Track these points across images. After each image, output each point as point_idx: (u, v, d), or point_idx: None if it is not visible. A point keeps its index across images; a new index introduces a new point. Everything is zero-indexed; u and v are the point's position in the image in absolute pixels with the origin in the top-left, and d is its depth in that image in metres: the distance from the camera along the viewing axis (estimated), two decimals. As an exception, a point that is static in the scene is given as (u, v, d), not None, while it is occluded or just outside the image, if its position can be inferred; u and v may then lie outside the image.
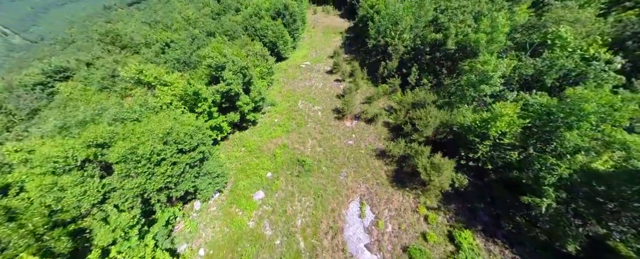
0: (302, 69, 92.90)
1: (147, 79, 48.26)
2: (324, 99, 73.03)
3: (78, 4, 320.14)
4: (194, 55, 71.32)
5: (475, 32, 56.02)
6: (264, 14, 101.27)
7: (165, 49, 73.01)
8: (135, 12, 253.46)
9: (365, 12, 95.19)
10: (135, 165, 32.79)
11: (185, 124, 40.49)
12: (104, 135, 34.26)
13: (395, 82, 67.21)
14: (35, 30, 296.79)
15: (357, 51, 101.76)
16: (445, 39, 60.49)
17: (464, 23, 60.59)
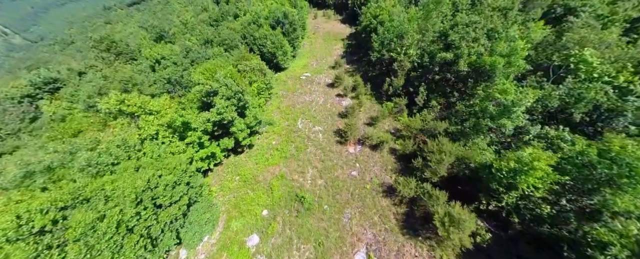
0: (302, 81, 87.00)
1: (130, 109, 42.38)
2: (325, 117, 67.23)
3: (78, 3, 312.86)
4: (186, 74, 65.24)
5: (491, 55, 50.11)
6: (262, 22, 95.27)
7: (156, 66, 66.85)
8: (135, 12, 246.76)
9: (368, 22, 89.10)
10: (97, 241, 26.69)
11: (169, 168, 34.60)
12: (65, 197, 28.21)
13: (401, 103, 61.42)
14: (35, 30, 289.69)
15: (359, 61, 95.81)
16: (457, 59, 54.59)
17: (477, 42, 54.49)
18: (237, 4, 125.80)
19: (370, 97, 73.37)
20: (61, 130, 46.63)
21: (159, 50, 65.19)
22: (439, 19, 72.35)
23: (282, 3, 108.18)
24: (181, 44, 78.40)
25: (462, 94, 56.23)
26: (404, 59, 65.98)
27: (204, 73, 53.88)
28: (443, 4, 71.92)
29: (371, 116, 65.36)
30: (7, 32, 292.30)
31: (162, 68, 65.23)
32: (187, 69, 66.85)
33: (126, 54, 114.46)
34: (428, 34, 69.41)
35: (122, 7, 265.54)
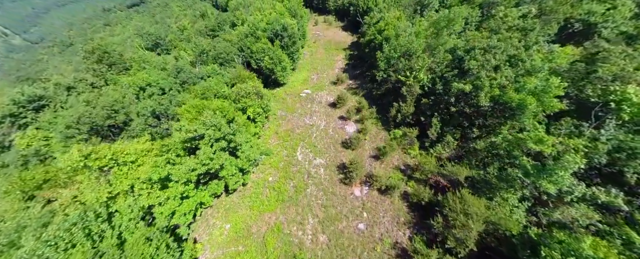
0: (302, 99, 79.14)
1: (98, 163, 34.56)
2: (327, 146, 59.58)
3: (78, 4, 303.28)
4: (175, 100, 57.26)
5: (517, 90, 42.27)
6: (260, 34, 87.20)
7: (141, 94, 58.66)
8: (134, 14, 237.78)
9: (372, 37, 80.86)
10: None
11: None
12: None
13: (411, 134, 53.62)
14: (35, 31, 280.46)
15: (362, 76, 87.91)
16: (476, 91, 46.73)
17: (499, 72, 46.55)
18: (234, 12, 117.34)
19: (376, 122, 65.63)
20: (21, 182, 38.63)
21: (144, 77, 56.84)
22: (450, 37, 64.44)
23: (281, 13, 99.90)
24: (173, 65, 70.18)
25: (481, 129, 48.46)
26: (413, 84, 58.09)
27: (190, 111, 45.95)
28: (455, 23, 63.87)
29: (378, 145, 57.68)
30: (7, 33, 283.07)
31: (147, 96, 57.05)
32: (175, 96, 58.77)
33: (119, 64, 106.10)
34: (439, 54, 61.48)
35: (122, 9, 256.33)
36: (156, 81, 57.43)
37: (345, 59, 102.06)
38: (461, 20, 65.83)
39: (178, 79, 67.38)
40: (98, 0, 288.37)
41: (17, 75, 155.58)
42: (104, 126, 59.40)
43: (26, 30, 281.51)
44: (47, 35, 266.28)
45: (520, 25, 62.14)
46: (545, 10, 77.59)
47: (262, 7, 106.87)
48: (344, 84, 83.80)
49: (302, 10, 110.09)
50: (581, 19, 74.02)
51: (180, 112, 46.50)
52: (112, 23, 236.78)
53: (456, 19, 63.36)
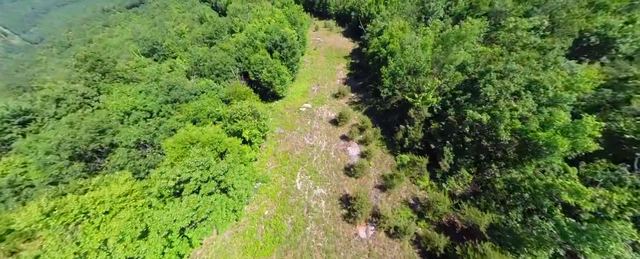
0: (301, 114, 73.43)
1: (64, 219, 28.89)
2: (328, 172, 53.97)
3: (78, 4, 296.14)
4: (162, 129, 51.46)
5: (543, 128, 36.56)
6: (258, 44, 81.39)
7: (125, 120, 52.67)
8: (133, 15, 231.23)
9: (375, 50, 74.97)
10: None
11: None
12: None
13: (421, 163, 48.02)
14: (35, 31, 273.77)
15: (365, 88, 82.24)
16: (494, 121, 41.04)
17: (519, 101, 40.77)
18: (233, 18, 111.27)
19: (381, 144, 60.02)
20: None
21: (130, 100, 50.79)
22: (460, 54, 58.66)
23: (281, 21, 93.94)
24: (165, 81, 64.29)
25: (499, 163, 42.83)
26: (421, 107, 52.38)
27: (176, 147, 40.13)
28: (466, 40, 58.03)
29: (384, 173, 52.09)
30: (6, 33, 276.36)
31: (132, 121, 51.10)
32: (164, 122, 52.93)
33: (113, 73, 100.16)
34: (449, 73, 55.74)
35: (121, 10, 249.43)
36: (142, 104, 51.45)
37: (346, 68, 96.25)
38: (473, 37, 59.88)
39: (170, 96, 61.52)
40: (98, 1, 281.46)
41: (7, 82, 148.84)
42: (87, 150, 53.80)
43: (26, 31, 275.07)
44: (46, 36, 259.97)
45: (536, 43, 56.13)
46: (558, 23, 71.74)
47: (261, 14, 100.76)
48: (345, 98, 78.08)
49: (302, 18, 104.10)
50: (597, 32, 68.24)
51: (165, 148, 40.69)
52: (111, 24, 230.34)
53: (468, 35, 57.47)
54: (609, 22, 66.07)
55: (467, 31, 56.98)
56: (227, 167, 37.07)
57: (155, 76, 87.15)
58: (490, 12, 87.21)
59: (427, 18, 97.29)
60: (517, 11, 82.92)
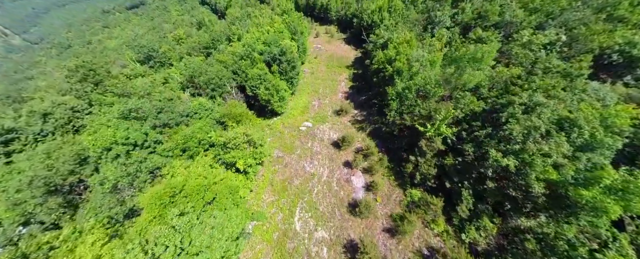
0: (301, 134, 67.06)
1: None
2: (331, 209, 47.79)
3: (79, 4, 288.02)
4: (145, 166, 44.86)
5: (585, 184, 30.07)
6: (256, 57, 74.63)
7: (103, 157, 45.59)
8: (133, 17, 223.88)
9: (381, 67, 68.23)
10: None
11: None
12: None
13: (435, 206, 41.62)
14: (35, 31, 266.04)
15: (368, 104, 75.73)
16: (523, 166, 34.61)
17: (555, 149, 34.18)
18: (230, 26, 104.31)
19: (388, 174, 53.68)
20: None
21: (109, 134, 44.01)
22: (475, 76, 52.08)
23: (280, 30, 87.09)
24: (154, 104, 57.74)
25: (529, 215, 36.44)
26: (434, 139, 45.88)
27: (153, 203, 33.63)
28: (483, 63, 51.37)
29: (393, 212, 45.81)
30: (7, 33, 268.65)
31: (111, 158, 44.34)
32: (150, 158, 46.34)
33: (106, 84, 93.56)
34: (464, 100, 49.17)
35: (121, 11, 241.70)
36: (124, 137, 44.82)
37: (348, 80, 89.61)
38: (490, 60, 53.17)
39: (158, 120, 54.99)
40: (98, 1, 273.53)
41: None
42: (65, 185, 47.46)
43: (26, 31, 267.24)
44: (46, 36, 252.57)
45: (560, 67, 49.46)
46: (576, 38, 65.05)
47: (260, 23, 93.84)
48: (348, 116, 71.57)
49: (302, 26, 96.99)
50: (620, 50, 61.64)
51: (142, 204, 34.26)
52: (110, 25, 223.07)
53: (485, 59, 50.77)
54: (635, 39, 59.45)
55: (484, 53, 50.19)
56: (210, 240, 30.37)
57: (147, 90, 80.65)
58: (500, 23, 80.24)
59: (433, 28, 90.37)
60: (529, 22, 76.09)
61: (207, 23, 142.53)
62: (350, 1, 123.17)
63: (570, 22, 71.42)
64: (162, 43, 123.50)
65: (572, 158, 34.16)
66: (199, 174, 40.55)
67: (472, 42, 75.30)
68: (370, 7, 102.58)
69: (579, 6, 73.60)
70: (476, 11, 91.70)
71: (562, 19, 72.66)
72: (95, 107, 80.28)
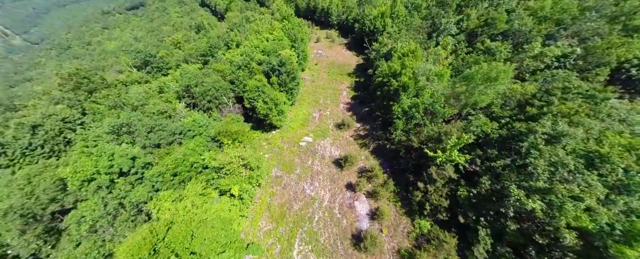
0: (301, 151, 62.56)
1: None
2: (333, 241, 43.50)
3: (79, 4, 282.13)
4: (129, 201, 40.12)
5: (627, 240, 25.54)
6: (255, 67, 70.01)
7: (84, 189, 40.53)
8: (133, 18, 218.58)
9: (385, 80, 63.50)
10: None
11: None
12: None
13: (448, 245, 37.05)
14: (35, 31, 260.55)
15: (371, 117, 71.31)
16: (551, 209, 30.06)
17: (589, 192, 29.55)
18: (229, 33, 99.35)
19: (394, 199, 49.16)
20: None
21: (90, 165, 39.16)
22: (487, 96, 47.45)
23: (280, 38, 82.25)
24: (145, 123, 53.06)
25: None
26: (446, 167, 41.30)
27: (134, 257, 28.98)
28: (498, 83, 46.61)
29: (400, 246, 41.40)
30: (7, 33, 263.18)
31: (92, 191, 39.50)
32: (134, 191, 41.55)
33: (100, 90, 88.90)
34: (477, 121, 44.53)
35: (121, 12, 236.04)
36: (107, 166, 40.03)
37: (350, 89, 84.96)
38: (507, 81, 48.32)
39: (149, 140, 50.38)
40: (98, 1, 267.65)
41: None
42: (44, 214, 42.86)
43: (27, 31, 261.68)
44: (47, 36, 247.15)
45: (581, 88, 44.68)
46: (593, 51, 60.34)
47: (259, 30, 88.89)
48: (350, 130, 66.98)
49: (302, 33, 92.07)
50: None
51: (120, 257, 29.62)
52: (110, 26, 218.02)
53: (500, 79, 45.96)
54: (656, 54, 54.80)
55: (499, 73, 45.38)
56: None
57: (141, 101, 76.05)
58: (508, 31, 75.35)
59: (438, 35, 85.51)
60: (538, 31, 71.26)
61: (206, 26, 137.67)
62: (351, 5, 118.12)
63: (584, 32, 66.55)
64: (159, 48, 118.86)
65: (606, 201, 29.57)
66: (187, 209, 35.80)
67: (480, 53, 70.71)
68: (372, 12, 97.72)
69: (592, 15, 68.64)
70: (482, 18, 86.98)
71: (575, 29, 67.76)
72: (88, 116, 75.90)
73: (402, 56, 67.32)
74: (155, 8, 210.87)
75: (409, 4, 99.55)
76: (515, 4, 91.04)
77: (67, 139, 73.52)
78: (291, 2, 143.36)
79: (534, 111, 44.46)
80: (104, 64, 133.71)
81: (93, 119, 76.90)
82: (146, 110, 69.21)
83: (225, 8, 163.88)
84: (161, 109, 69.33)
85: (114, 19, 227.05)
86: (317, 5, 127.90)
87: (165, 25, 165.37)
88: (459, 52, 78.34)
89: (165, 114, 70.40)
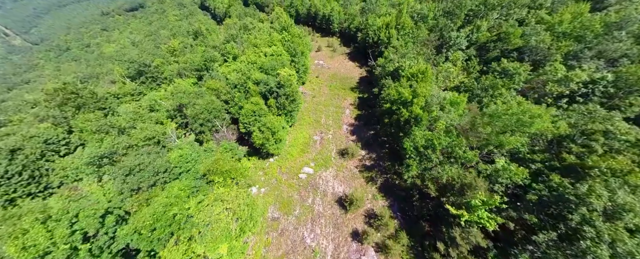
0: (301, 184, 54.91)
1: None
2: (337, 313, 35.32)
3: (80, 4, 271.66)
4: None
5: None
6: (251, 88, 61.83)
7: None
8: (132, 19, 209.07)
9: (392, 107, 55.12)
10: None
11: None
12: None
13: None
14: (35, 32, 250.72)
15: (377, 143, 63.45)
16: None
17: None
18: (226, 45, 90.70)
19: (407, 251, 41.15)
20: None
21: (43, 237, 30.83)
22: (514, 139, 39.37)
23: (279, 53, 73.80)
24: (123, 165, 44.94)
25: None
26: (472, 230, 33.37)
27: None
28: (531, 126, 38.47)
29: None
30: (8, 34, 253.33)
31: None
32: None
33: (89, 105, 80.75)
34: (506, 172, 36.57)
35: (120, 13, 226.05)
36: (66, 235, 31.96)
37: (354, 107, 76.88)
38: (542, 126, 39.95)
39: (126, 184, 42.38)
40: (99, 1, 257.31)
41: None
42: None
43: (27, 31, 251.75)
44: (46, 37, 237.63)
45: (629, 135, 36.51)
46: (624, 78, 52.22)
47: (257, 43, 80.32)
48: (355, 159, 59.17)
49: (303, 45, 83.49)
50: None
51: None
52: (109, 28, 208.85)
53: (534, 122, 37.83)
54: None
55: (533, 116, 37.23)
56: None
57: (130, 122, 68.19)
58: (524, 47, 67.02)
59: (448, 50, 77.07)
60: (558, 49, 63.03)
61: (204, 32, 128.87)
62: (353, 13, 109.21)
63: (610, 53, 58.47)
64: (155, 57, 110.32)
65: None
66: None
67: (496, 74, 62.60)
68: (376, 22, 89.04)
69: (620, 34, 60.42)
70: (493, 30, 78.53)
71: (600, 49, 59.57)
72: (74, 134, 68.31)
73: (411, 77, 59.32)
74: (154, 10, 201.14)
75: (415, 13, 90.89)
76: (525, 13, 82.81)
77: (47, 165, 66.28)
78: (291, 7, 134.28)
79: (571, 159, 36.57)
80: (99, 71, 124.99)
81: (79, 137, 69.29)
82: (133, 135, 61.37)
83: (224, 12, 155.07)
84: (149, 134, 61.44)
85: (114, 20, 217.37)
86: (318, 11, 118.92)
87: (163, 29, 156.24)
88: (470, 69, 70.14)
89: (154, 139, 62.51)
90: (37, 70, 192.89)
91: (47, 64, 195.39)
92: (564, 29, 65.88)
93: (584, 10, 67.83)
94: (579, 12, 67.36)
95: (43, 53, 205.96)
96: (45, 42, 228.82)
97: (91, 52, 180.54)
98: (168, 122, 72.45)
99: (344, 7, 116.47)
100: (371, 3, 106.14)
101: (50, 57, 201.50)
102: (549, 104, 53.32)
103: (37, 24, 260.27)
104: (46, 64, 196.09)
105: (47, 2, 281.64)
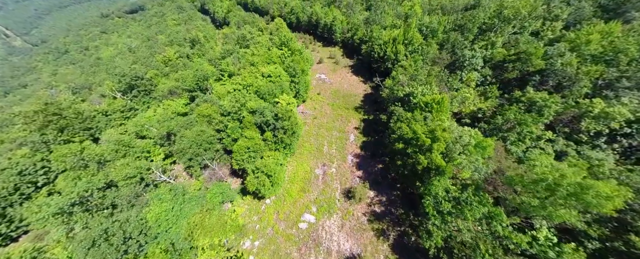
0: (301, 236, 46.63)
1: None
2: None
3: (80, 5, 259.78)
4: None
5: None
6: (246, 119, 52.36)
7: None
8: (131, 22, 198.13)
9: (406, 148, 45.42)
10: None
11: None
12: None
13: None
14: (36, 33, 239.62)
15: (386, 179, 54.19)
16: None
17: None
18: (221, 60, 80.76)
19: None
20: None
21: None
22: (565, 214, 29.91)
23: (277, 74, 63.98)
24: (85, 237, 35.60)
25: None
26: None
27: None
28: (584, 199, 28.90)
29: None
30: (8, 35, 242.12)
31: None
32: None
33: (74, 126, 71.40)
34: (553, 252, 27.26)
35: (120, 15, 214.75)
36: None
37: (359, 132, 67.43)
38: (597, 200, 30.14)
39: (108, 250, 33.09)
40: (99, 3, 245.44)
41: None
42: None
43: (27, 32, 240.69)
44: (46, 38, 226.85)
45: None
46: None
47: (254, 61, 70.45)
48: (362, 204, 50.01)
49: (303, 63, 73.47)
50: None
51: None
52: (108, 30, 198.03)
53: (588, 198, 28.28)
54: None
55: (583, 189, 27.79)
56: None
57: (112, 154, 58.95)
58: (547, 71, 57.28)
59: (462, 70, 67.13)
60: (586, 73, 53.44)
61: (202, 40, 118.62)
62: (357, 23, 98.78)
63: (652, 83, 48.96)
64: (149, 68, 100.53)
65: None
66: None
67: (520, 103, 53.13)
68: (382, 36, 78.98)
69: (664, 60, 50.79)
70: (511, 49, 68.47)
71: (639, 77, 50.10)
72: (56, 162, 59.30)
73: (425, 106, 49.91)
74: (154, 13, 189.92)
75: (424, 27, 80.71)
76: (539, 24, 72.94)
77: (24, 197, 58.00)
78: (292, 13, 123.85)
79: None
80: (92, 81, 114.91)
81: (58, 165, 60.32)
82: (112, 173, 52.14)
83: (223, 17, 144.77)
84: (129, 172, 52.12)
85: (113, 22, 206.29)
86: (320, 20, 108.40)
87: (161, 34, 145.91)
88: (488, 94, 60.65)
89: (135, 178, 53.19)
90: (35, 73, 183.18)
91: (45, 66, 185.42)
92: (593, 51, 56.03)
93: (614, 30, 58.15)
94: (609, 32, 57.75)
95: (42, 55, 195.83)
96: (45, 43, 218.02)
97: (89, 56, 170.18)
98: (156, 149, 63.33)
99: (347, 17, 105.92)
100: (376, 14, 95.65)
101: (49, 59, 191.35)
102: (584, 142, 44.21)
103: (38, 25, 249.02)
104: (44, 66, 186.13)
105: (48, 3, 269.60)
